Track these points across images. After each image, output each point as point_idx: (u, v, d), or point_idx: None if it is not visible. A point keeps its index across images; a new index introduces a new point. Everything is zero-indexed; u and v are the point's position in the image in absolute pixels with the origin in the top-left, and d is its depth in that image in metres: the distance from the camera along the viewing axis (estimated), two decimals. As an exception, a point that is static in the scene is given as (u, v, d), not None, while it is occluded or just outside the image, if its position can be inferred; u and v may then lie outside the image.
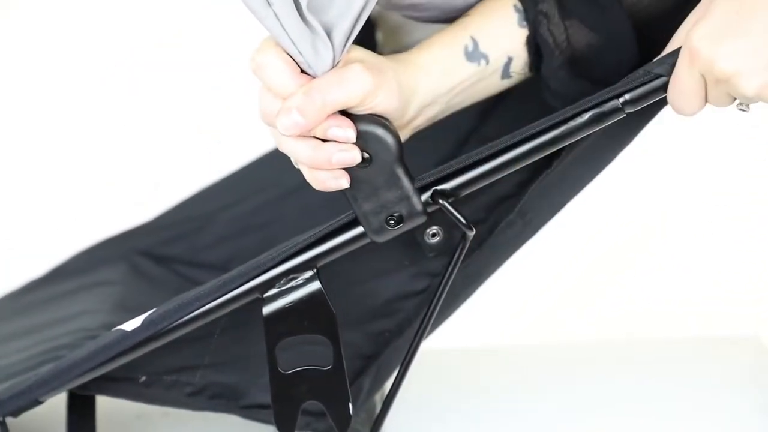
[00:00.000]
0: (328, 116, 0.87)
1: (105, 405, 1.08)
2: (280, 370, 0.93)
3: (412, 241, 0.94)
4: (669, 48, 0.92)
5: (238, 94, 2.03)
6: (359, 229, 0.92)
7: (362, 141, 0.88)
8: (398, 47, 1.06)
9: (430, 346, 1.09)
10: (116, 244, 1.25)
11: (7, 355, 1.10)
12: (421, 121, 0.95)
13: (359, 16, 0.86)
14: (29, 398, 0.96)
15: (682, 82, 0.89)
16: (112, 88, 2.42)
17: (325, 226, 0.93)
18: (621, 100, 0.90)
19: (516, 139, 0.91)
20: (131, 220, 1.25)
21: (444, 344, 1.16)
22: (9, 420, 0.99)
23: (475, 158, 0.91)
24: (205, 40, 2.42)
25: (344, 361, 0.94)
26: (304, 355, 0.94)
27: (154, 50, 2.50)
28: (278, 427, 0.95)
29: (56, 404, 1.05)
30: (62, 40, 2.54)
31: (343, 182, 0.89)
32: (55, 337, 1.10)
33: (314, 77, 0.87)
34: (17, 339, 1.14)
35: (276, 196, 1.21)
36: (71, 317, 1.14)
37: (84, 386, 0.98)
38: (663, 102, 0.92)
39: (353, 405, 1.00)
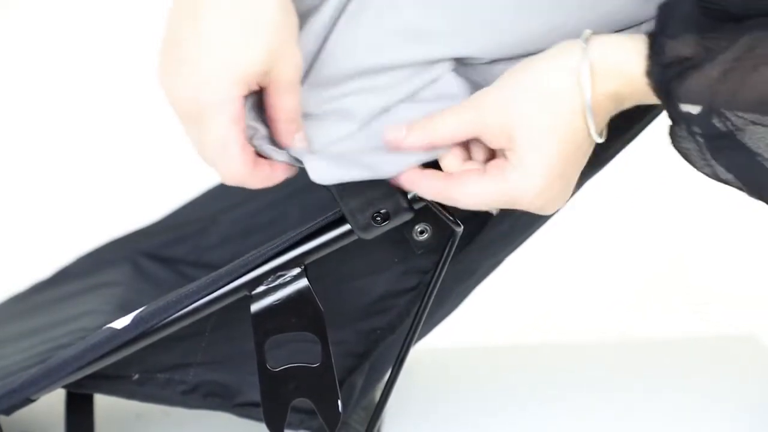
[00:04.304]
0: None
1: (104, 404, 1.08)
2: (268, 367, 0.93)
3: (401, 238, 0.94)
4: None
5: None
6: (346, 226, 0.92)
7: None
8: None
9: (430, 345, 1.08)
10: (121, 246, 1.25)
11: (11, 355, 1.11)
12: None
13: None
14: (20, 397, 0.96)
15: None
16: (116, 89, 2.42)
17: (312, 223, 0.93)
18: None
19: None
20: (136, 222, 1.26)
21: (444, 343, 1.16)
22: (5, 418, 0.99)
23: None
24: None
25: (334, 359, 0.93)
26: (292, 352, 0.94)
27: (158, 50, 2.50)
28: (268, 425, 0.94)
29: (55, 403, 1.06)
30: (63, 40, 2.55)
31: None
32: (56, 338, 1.11)
33: None
34: (21, 340, 1.14)
35: (280, 197, 1.21)
36: (74, 318, 1.15)
37: (78, 384, 0.98)
38: (658, 108, 0.91)
39: (346, 403, 1.00)
